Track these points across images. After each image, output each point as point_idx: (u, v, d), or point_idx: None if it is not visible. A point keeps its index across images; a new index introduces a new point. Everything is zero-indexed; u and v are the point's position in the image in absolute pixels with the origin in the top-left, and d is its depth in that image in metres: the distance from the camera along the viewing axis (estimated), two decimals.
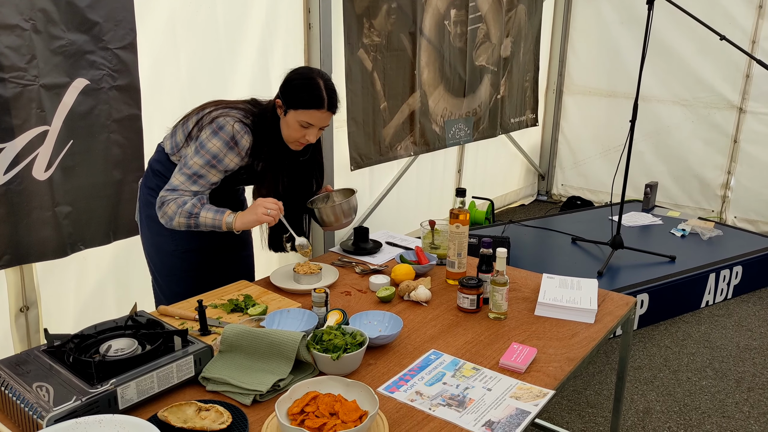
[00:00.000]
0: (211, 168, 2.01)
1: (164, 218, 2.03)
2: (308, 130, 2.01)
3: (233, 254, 2.36)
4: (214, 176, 2.03)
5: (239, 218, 2.01)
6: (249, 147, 2.03)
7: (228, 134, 1.99)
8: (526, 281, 2.27)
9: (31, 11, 2.31)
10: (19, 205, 2.34)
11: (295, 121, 2.00)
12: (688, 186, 5.47)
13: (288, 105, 2.00)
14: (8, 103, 2.29)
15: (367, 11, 3.75)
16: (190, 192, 2.02)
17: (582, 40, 5.82)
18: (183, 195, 2.01)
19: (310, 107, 1.98)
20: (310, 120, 1.99)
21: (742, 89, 5.07)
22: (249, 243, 2.46)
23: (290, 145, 2.09)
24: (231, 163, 2.03)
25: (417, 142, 4.35)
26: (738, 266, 4.02)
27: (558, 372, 1.68)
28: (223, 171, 2.04)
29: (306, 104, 1.98)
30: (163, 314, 1.89)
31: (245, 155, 2.04)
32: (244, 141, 2.01)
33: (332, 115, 2.04)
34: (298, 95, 1.98)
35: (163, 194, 2.03)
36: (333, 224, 2.24)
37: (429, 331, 1.88)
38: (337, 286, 2.19)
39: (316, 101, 1.97)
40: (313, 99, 1.97)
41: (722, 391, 3.04)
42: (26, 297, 2.50)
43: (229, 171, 2.07)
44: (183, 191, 2.01)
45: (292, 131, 2.03)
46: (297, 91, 1.99)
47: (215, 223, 2.01)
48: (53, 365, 1.48)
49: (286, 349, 1.58)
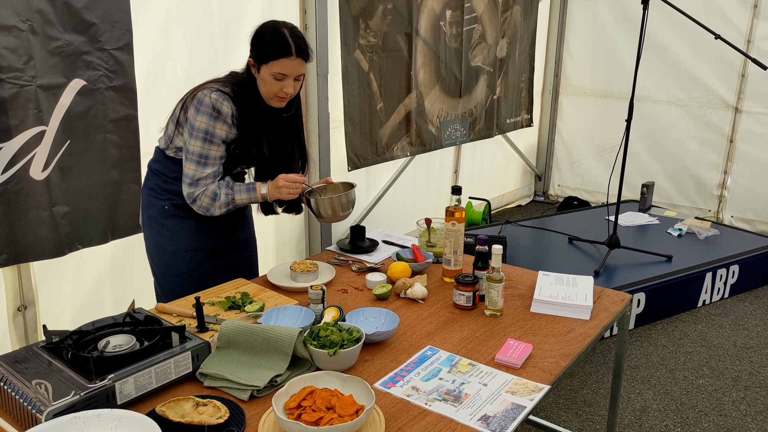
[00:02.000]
0: (209, 144, 2.04)
1: (201, 211, 2.11)
2: (284, 82, 2.02)
3: (235, 254, 2.36)
4: (215, 151, 2.06)
5: (271, 190, 2.11)
6: (233, 114, 2.05)
7: (208, 106, 2.01)
8: (522, 278, 2.28)
9: (28, 12, 2.32)
10: (16, 204, 2.35)
11: (268, 75, 2.01)
12: (684, 186, 5.49)
13: (259, 61, 2.02)
14: (5, 103, 2.29)
15: (363, 12, 3.76)
16: (207, 176, 2.07)
17: (578, 41, 5.84)
18: (207, 185, 2.07)
19: (279, 57, 1.98)
20: (283, 70, 1.99)
21: (738, 89, 5.09)
22: (252, 244, 2.47)
23: (271, 102, 2.09)
24: (222, 132, 2.05)
25: (413, 142, 4.37)
26: (735, 265, 4.03)
27: (553, 367, 1.68)
28: (220, 143, 2.07)
29: (275, 54, 1.98)
30: (161, 311, 1.90)
31: (232, 123, 2.06)
32: (225, 107, 2.03)
33: (304, 62, 2.02)
34: (266, 48, 2.00)
35: (188, 191, 2.08)
36: (330, 217, 2.18)
37: (425, 327, 1.89)
38: (333, 284, 2.20)
39: (283, 50, 1.98)
40: (280, 48, 1.98)
41: (719, 390, 3.05)
42: (24, 296, 2.51)
43: (226, 141, 2.09)
44: (202, 179, 2.06)
45: (268, 86, 2.03)
46: (264, 44, 2.00)
47: (251, 200, 2.13)
48: (52, 361, 1.48)
49: (283, 345, 1.59)
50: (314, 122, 3.66)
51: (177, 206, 2.18)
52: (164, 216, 2.21)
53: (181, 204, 2.17)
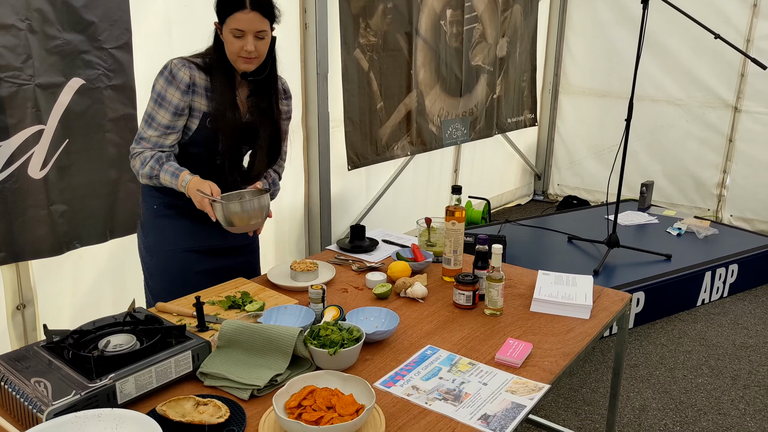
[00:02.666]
0: (159, 107, 1.98)
1: (134, 171, 2.04)
2: (243, 40, 1.92)
3: (232, 258, 2.28)
4: (162, 116, 1.98)
5: (190, 186, 1.96)
6: (194, 83, 1.98)
7: (167, 69, 1.98)
8: (521, 278, 2.28)
9: (27, 11, 2.32)
10: (14, 203, 2.35)
11: (228, 33, 1.93)
12: (683, 185, 5.49)
13: (220, 20, 1.95)
14: (3, 102, 2.29)
15: (364, 11, 3.76)
16: (149, 138, 2.00)
17: (577, 40, 5.84)
18: (144, 149, 2.00)
19: (233, 11, 1.89)
20: (239, 26, 1.90)
21: (737, 88, 5.09)
22: (252, 249, 2.36)
23: (237, 65, 1.99)
24: (173, 98, 1.97)
25: (414, 141, 4.37)
26: (734, 264, 4.04)
27: (553, 366, 1.68)
28: (170, 109, 1.98)
29: (229, 9, 1.90)
30: (161, 311, 1.89)
31: (189, 90, 1.98)
32: (182, 74, 1.96)
33: (263, 17, 1.92)
34: (222, 4, 1.93)
35: (131, 146, 2.04)
36: (237, 225, 1.97)
37: (425, 327, 1.89)
38: (333, 284, 2.19)
39: (237, 3, 1.89)
40: (234, 2, 1.89)
41: (718, 389, 3.05)
42: (23, 295, 2.51)
43: (177, 110, 1.99)
44: (144, 139, 2.01)
45: (229, 45, 1.94)
46: (221, 1, 1.93)
47: (173, 185, 2.00)
48: (52, 360, 1.48)
49: (284, 344, 1.59)
50: (314, 122, 3.65)
51: (166, 206, 2.13)
52: (154, 216, 2.15)
53: (171, 204, 2.12)
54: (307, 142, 3.72)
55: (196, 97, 2.01)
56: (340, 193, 4.09)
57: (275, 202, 3.62)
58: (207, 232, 2.17)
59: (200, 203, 1.94)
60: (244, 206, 1.95)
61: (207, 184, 1.96)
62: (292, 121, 3.58)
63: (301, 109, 3.65)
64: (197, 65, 2.01)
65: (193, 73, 1.99)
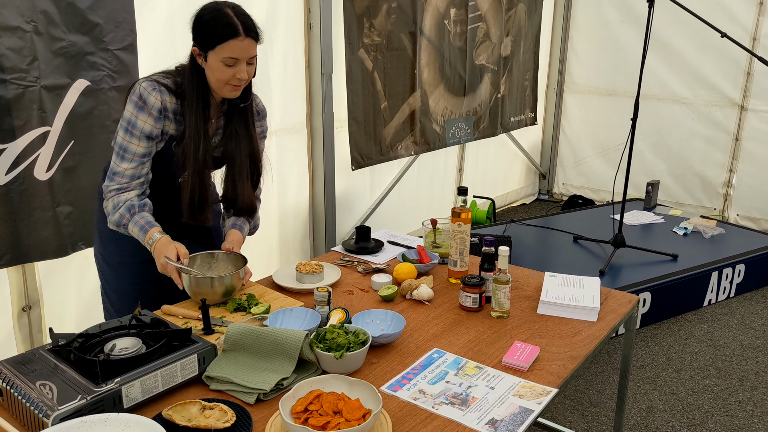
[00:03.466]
0: (130, 135, 1.86)
1: (105, 212, 1.93)
2: (236, 68, 1.83)
3: None
4: (135, 146, 1.86)
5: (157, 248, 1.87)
6: (165, 107, 1.87)
7: (136, 95, 1.85)
8: (528, 280, 2.27)
9: (32, 13, 2.31)
10: (20, 205, 2.35)
11: (217, 61, 1.82)
12: (689, 184, 5.47)
13: (205, 48, 1.83)
14: (9, 104, 2.29)
15: (368, 11, 3.75)
16: (124, 172, 1.88)
17: (582, 39, 5.81)
18: (120, 185, 1.89)
19: (226, 39, 1.80)
20: (232, 53, 1.81)
21: (744, 87, 5.06)
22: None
23: (223, 92, 1.89)
24: (145, 125, 1.85)
25: (417, 141, 4.36)
26: (741, 264, 4.02)
27: (561, 370, 1.67)
28: (142, 137, 1.86)
29: (221, 38, 1.80)
30: (167, 314, 1.89)
31: (161, 116, 1.87)
32: (153, 98, 1.84)
33: (255, 42, 1.85)
34: (210, 32, 1.81)
35: (105, 184, 1.92)
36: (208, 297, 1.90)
37: (431, 329, 1.88)
38: (339, 285, 2.19)
39: (230, 31, 1.80)
40: (226, 29, 1.80)
41: (725, 390, 3.03)
42: (29, 296, 2.51)
43: (151, 137, 1.88)
44: (118, 174, 1.88)
45: (218, 74, 1.84)
46: (208, 28, 1.82)
47: (140, 239, 1.90)
48: (58, 364, 1.48)
49: (290, 347, 1.59)
50: (318, 122, 3.65)
51: None
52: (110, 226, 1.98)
53: None
54: (311, 143, 3.71)
55: (166, 121, 1.91)
56: (345, 193, 4.08)
57: (280, 202, 3.64)
58: None
59: (164, 267, 1.85)
60: (214, 283, 1.89)
61: (173, 247, 1.86)
62: (297, 121, 3.63)
63: (306, 110, 3.64)
64: (167, 87, 1.89)
65: (164, 97, 1.87)
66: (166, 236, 1.90)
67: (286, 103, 3.53)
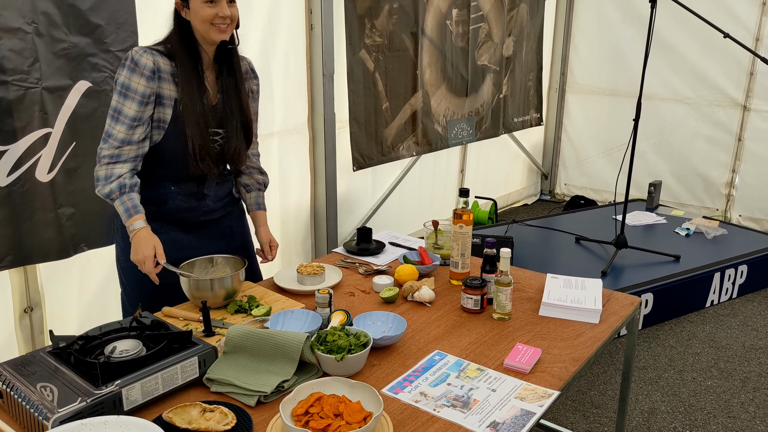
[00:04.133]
0: (124, 98, 1.89)
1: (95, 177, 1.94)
2: (217, 6, 1.89)
3: None
4: (129, 108, 1.89)
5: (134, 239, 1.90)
6: (154, 67, 1.90)
7: (129, 59, 1.90)
8: (530, 281, 2.26)
9: (33, 14, 2.31)
10: (22, 206, 2.35)
11: (198, 3, 1.89)
12: (692, 184, 5.46)
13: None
14: (11, 105, 2.29)
15: (369, 12, 3.75)
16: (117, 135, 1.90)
17: (584, 39, 5.81)
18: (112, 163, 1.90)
19: None
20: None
21: (746, 87, 5.05)
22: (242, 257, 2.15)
23: (210, 34, 1.92)
24: (138, 86, 1.89)
25: (419, 142, 4.35)
26: (743, 265, 4.01)
27: (563, 372, 1.67)
28: (135, 98, 1.89)
29: None
30: (168, 315, 1.89)
31: (154, 76, 1.91)
32: (144, 59, 1.89)
33: None
34: None
35: (99, 146, 1.94)
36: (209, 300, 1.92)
37: (433, 331, 1.88)
38: (340, 287, 2.18)
39: None
40: None
41: (728, 392, 3.03)
42: (30, 298, 2.51)
43: (144, 99, 1.90)
44: (112, 137, 1.90)
45: (202, 14, 1.89)
46: None
47: (123, 219, 1.92)
48: (58, 366, 1.48)
49: (291, 350, 1.58)
50: (320, 122, 3.65)
51: (148, 218, 1.96)
52: None
53: (153, 213, 2.02)
54: (313, 143, 3.71)
55: (164, 84, 1.94)
56: (346, 194, 4.08)
57: (282, 203, 3.64)
58: (189, 244, 2.11)
59: (142, 261, 1.87)
60: (214, 285, 1.91)
61: (152, 244, 1.88)
62: (298, 122, 3.62)
63: (307, 110, 3.64)
64: (160, 51, 1.94)
65: (156, 59, 1.92)
66: (147, 228, 1.92)
67: (288, 104, 3.53)
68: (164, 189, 2.05)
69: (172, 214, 2.06)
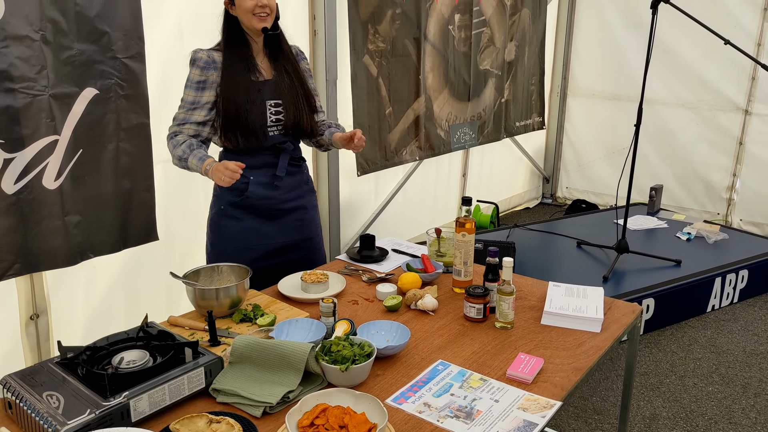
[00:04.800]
0: (186, 88, 2.24)
1: (169, 151, 2.25)
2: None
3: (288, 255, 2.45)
4: (188, 94, 2.23)
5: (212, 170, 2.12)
6: (209, 59, 2.22)
7: (191, 59, 2.24)
8: (532, 289, 2.28)
9: (41, 22, 2.33)
10: (29, 214, 2.36)
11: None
12: (693, 188, 5.47)
13: None
14: (18, 113, 2.31)
15: (372, 17, 3.77)
16: (178, 118, 2.24)
17: (586, 43, 5.82)
18: (175, 128, 2.24)
19: None
20: None
21: (748, 91, 5.06)
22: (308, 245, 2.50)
23: (253, 23, 2.20)
24: (195, 75, 2.22)
25: (422, 146, 4.37)
26: (744, 270, 4.02)
27: (565, 382, 1.69)
28: (192, 85, 2.22)
29: None
30: (174, 324, 1.91)
31: (206, 66, 2.21)
32: (200, 54, 2.23)
33: None
34: None
35: (169, 125, 2.27)
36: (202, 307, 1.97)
37: (436, 340, 1.90)
38: (344, 295, 2.20)
39: None
40: None
41: (729, 397, 3.04)
42: (36, 305, 2.52)
43: (201, 86, 2.22)
44: (177, 119, 2.25)
45: (245, 7, 2.18)
46: None
47: (198, 170, 2.17)
48: (66, 377, 1.49)
49: (296, 360, 1.60)
50: None
51: (232, 206, 2.33)
52: (218, 216, 2.37)
53: (236, 204, 2.32)
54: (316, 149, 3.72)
55: (215, 72, 2.23)
56: (349, 199, 4.09)
57: None
58: (266, 232, 2.38)
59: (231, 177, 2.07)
60: (220, 294, 1.94)
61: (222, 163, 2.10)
62: None
63: None
64: (215, 49, 2.27)
65: (211, 53, 2.24)
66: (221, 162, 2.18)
67: None
68: (243, 178, 2.29)
69: (251, 203, 2.33)
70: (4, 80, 2.26)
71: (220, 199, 2.37)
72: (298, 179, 2.44)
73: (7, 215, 2.31)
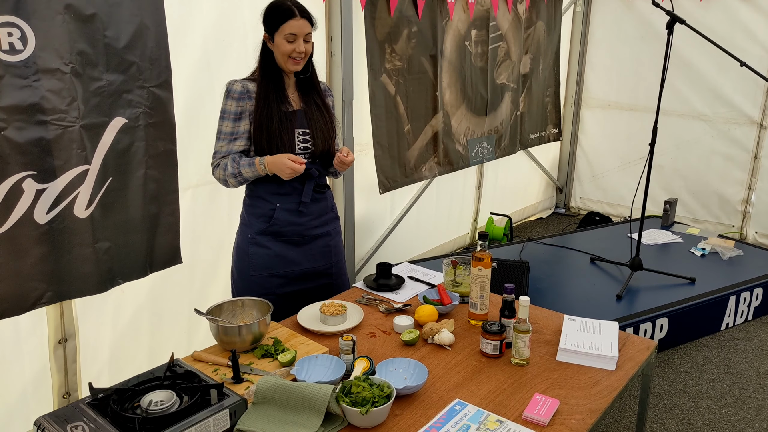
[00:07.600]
0: (222, 120, 2.37)
1: (220, 182, 2.42)
2: (295, 43, 2.30)
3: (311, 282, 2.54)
4: (226, 126, 2.37)
5: (269, 163, 2.30)
6: (243, 90, 2.34)
7: (225, 90, 2.37)
8: (547, 322, 2.33)
9: (70, 55, 2.38)
10: (60, 243, 2.43)
11: (281, 39, 2.30)
12: (708, 201, 5.47)
13: (271, 31, 2.32)
14: (50, 144, 2.37)
15: (389, 37, 3.81)
16: (220, 151, 2.38)
17: (600, 54, 5.83)
18: (221, 159, 2.37)
19: (285, 20, 2.28)
20: (292, 30, 2.28)
21: (763, 105, 5.06)
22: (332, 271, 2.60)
23: (288, 65, 2.34)
24: (230, 107, 2.35)
25: (441, 162, 4.41)
26: (758, 288, 4.04)
27: (580, 425, 1.74)
28: (229, 117, 2.35)
29: (281, 19, 2.29)
30: (197, 359, 1.98)
31: (241, 96, 2.34)
32: (236, 86, 2.35)
33: (308, 23, 2.31)
34: (273, 17, 2.31)
35: (211, 161, 2.42)
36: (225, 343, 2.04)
37: (453, 378, 1.95)
38: (362, 327, 2.26)
39: (287, 13, 2.29)
40: (284, 12, 2.29)
41: (742, 420, 3.07)
42: (65, 330, 2.60)
43: (237, 117, 2.35)
44: (217, 153, 2.39)
45: (282, 49, 2.31)
46: (272, 15, 2.32)
47: (255, 173, 2.34)
48: (97, 419, 1.56)
49: (317, 402, 1.66)
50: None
51: (260, 234, 2.44)
52: (247, 243, 2.46)
53: (265, 231, 2.43)
54: None
55: (249, 102, 2.36)
56: (365, 214, 4.15)
57: None
58: (293, 258, 2.48)
59: (291, 168, 2.25)
60: (242, 331, 2.01)
61: (282, 155, 2.28)
62: None
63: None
64: (250, 79, 2.40)
65: (246, 83, 2.37)
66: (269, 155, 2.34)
67: None
68: (270, 205, 2.43)
69: (278, 230, 2.44)
70: (36, 113, 2.32)
71: (248, 227, 2.47)
72: (323, 205, 2.53)
73: (39, 245, 2.38)
